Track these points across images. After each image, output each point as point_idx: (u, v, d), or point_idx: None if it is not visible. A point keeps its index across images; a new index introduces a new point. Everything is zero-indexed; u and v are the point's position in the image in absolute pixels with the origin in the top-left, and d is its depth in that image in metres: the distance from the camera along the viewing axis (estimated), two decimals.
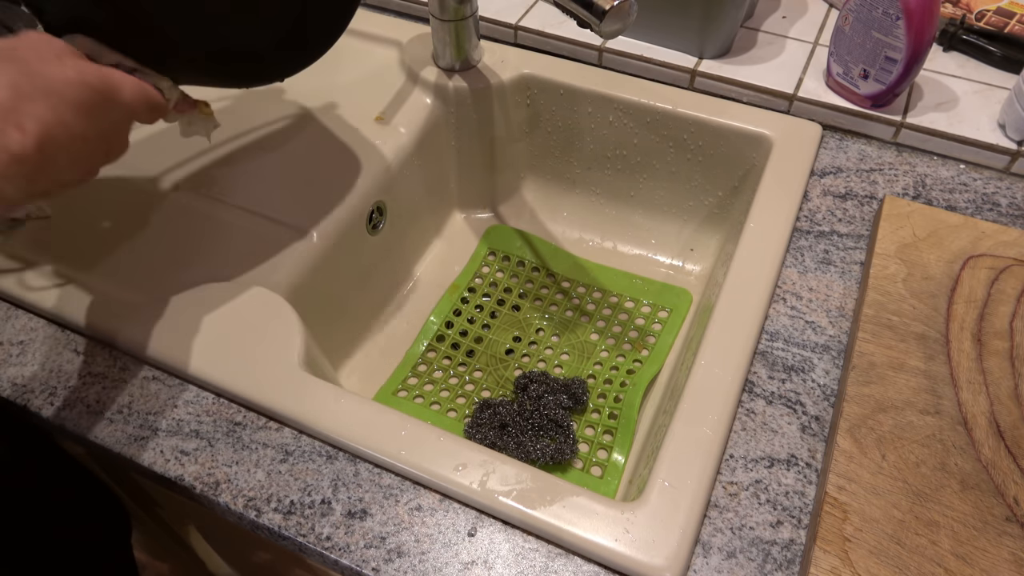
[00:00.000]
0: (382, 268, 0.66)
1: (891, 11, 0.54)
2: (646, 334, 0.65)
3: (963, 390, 0.44)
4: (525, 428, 0.58)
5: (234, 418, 0.46)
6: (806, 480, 0.42)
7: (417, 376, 0.64)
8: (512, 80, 0.67)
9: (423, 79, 0.66)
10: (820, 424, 0.44)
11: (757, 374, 0.47)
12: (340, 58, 0.69)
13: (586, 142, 0.69)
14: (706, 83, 0.65)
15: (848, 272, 0.52)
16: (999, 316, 0.47)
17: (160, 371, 0.49)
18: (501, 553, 0.40)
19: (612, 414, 0.60)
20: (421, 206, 0.69)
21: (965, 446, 0.41)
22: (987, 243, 0.51)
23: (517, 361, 0.65)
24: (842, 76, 0.60)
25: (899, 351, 0.45)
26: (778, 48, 0.66)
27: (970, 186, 0.57)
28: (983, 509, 0.39)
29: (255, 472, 0.44)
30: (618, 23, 0.46)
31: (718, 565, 0.39)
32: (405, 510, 0.42)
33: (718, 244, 0.68)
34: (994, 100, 0.60)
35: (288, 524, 0.42)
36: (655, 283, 0.69)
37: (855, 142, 0.61)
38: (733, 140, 0.62)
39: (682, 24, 0.64)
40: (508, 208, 0.76)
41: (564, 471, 0.57)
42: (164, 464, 0.44)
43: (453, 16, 0.61)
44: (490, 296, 0.70)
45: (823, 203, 0.56)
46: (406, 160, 0.64)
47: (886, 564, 0.37)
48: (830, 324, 0.49)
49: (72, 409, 0.47)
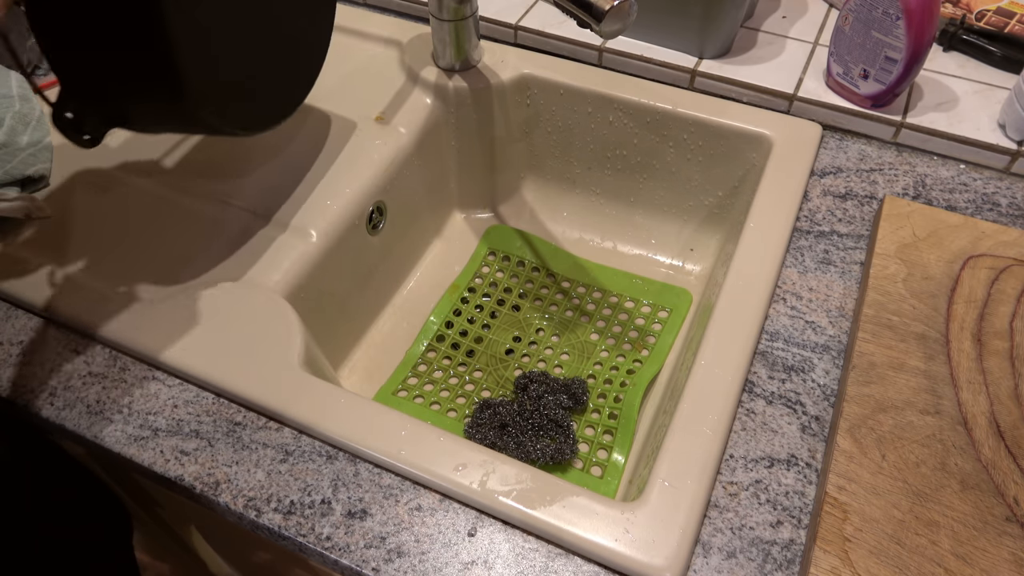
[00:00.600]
0: (382, 268, 0.66)
1: (891, 11, 0.54)
2: (646, 334, 0.65)
3: (963, 390, 0.44)
4: (525, 428, 0.58)
5: (234, 418, 0.46)
6: (806, 480, 0.42)
7: (417, 376, 0.64)
8: (512, 80, 0.67)
9: (423, 79, 0.66)
10: (820, 424, 0.44)
11: (757, 374, 0.47)
12: (340, 58, 0.69)
13: (586, 142, 0.69)
14: (706, 83, 0.65)
15: (848, 272, 0.52)
16: (999, 316, 0.47)
17: (160, 371, 0.49)
18: (501, 553, 0.40)
19: (612, 414, 0.60)
20: (421, 206, 0.69)
21: (965, 446, 0.41)
22: (987, 243, 0.51)
23: (517, 361, 0.65)
24: (842, 76, 0.60)
25: (899, 351, 0.45)
26: (778, 48, 0.66)
27: (970, 186, 0.57)
28: (983, 509, 0.39)
29: (255, 472, 0.44)
30: (618, 23, 0.46)
31: (718, 565, 0.39)
32: (405, 510, 0.42)
33: (718, 244, 0.68)
34: (994, 100, 0.60)
35: (288, 524, 0.42)
36: (655, 283, 0.69)
37: (855, 142, 0.61)
38: (733, 140, 0.62)
39: (682, 24, 0.64)
40: (508, 208, 0.76)
41: (564, 471, 0.57)
42: (164, 464, 0.44)
43: (453, 16, 0.61)
44: (490, 296, 0.70)
45: (823, 203, 0.56)
46: (406, 160, 0.64)
47: (886, 564, 0.37)
48: (830, 324, 0.49)
49: (72, 409, 0.47)
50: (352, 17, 0.73)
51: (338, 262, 0.58)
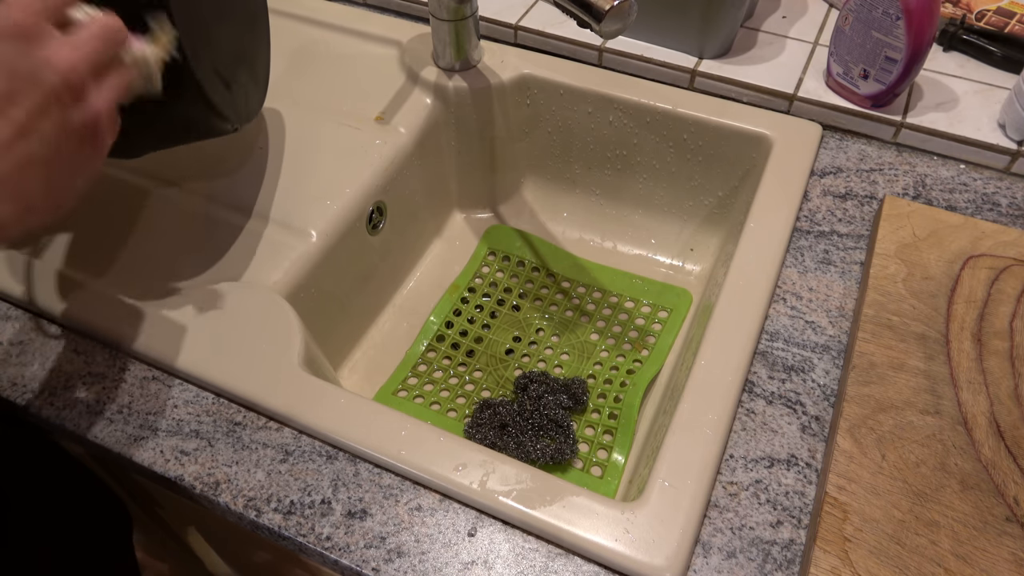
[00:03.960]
0: (382, 268, 0.66)
1: (891, 11, 0.54)
2: (646, 334, 0.65)
3: (963, 390, 0.44)
4: (525, 428, 0.58)
5: (234, 418, 0.46)
6: (806, 480, 0.42)
7: (417, 376, 0.64)
8: (512, 80, 0.67)
9: (423, 79, 0.66)
10: (820, 424, 0.44)
11: (757, 374, 0.47)
12: (340, 58, 0.69)
13: (586, 142, 0.69)
14: (706, 83, 0.65)
15: (848, 272, 0.52)
16: (999, 316, 0.47)
17: (160, 371, 0.49)
18: (501, 553, 0.40)
19: (612, 414, 0.60)
20: (421, 206, 0.69)
21: (965, 446, 0.41)
22: (987, 243, 0.51)
23: (517, 361, 0.65)
24: (842, 76, 0.60)
25: (899, 351, 0.45)
26: (778, 48, 0.66)
27: (970, 186, 0.57)
28: (983, 509, 0.39)
29: (255, 472, 0.44)
30: (618, 23, 0.46)
31: (718, 565, 0.39)
32: (405, 510, 0.42)
33: (718, 244, 0.68)
34: (994, 100, 0.60)
35: (288, 524, 0.42)
36: (655, 283, 0.69)
37: (855, 142, 0.61)
38: (733, 140, 0.62)
39: (682, 24, 0.64)
40: (508, 208, 0.76)
41: (564, 471, 0.57)
42: (164, 464, 0.44)
43: (453, 16, 0.61)
44: (490, 296, 0.70)
45: (823, 203, 0.56)
46: (406, 160, 0.64)
47: (886, 564, 0.37)
48: (830, 324, 0.49)
49: (72, 409, 0.47)
50: (352, 17, 0.73)
51: (338, 262, 0.58)
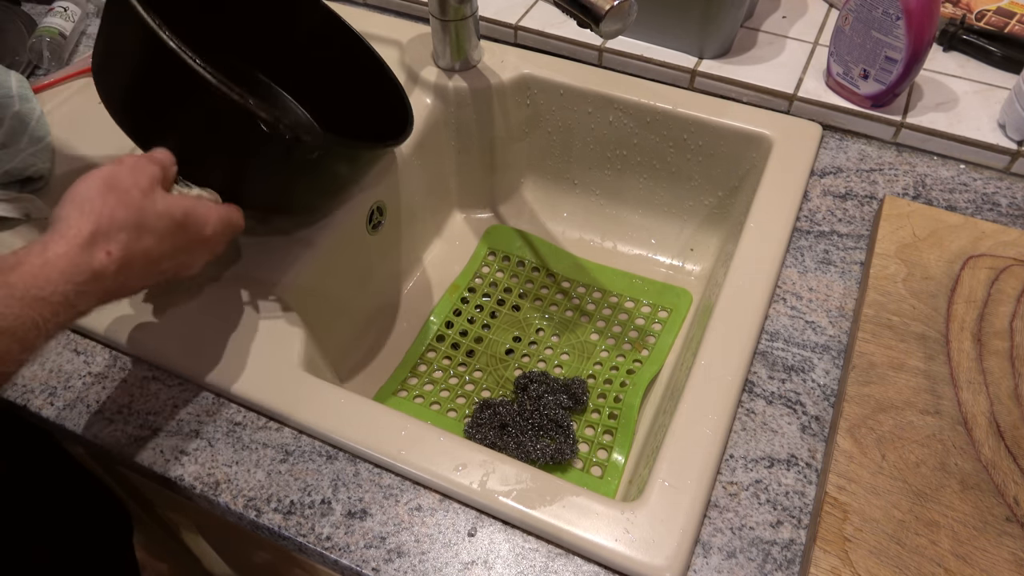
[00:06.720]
0: (382, 268, 0.66)
1: (891, 11, 0.54)
2: (646, 334, 0.65)
3: (963, 390, 0.44)
4: (525, 428, 0.58)
5: (234, 418, 0.46)
6: (806, 480, 0.42)
7: (417, 376, 0.64)
8: (512, 80, 0.67)
9: (423, 79, 0.66)
10: (820, 424, 0.44)
11: (757, 374, 0.47)
12: None
13: (586, 142, 0.69)
14: (706, 83, 0.65)
15: (848, 272, 0.52)
16: (999, 316, 0.47)
17: (160, 371, 0.49)
18: (501, 553, 0.40)
19: (612, 414, 0.60)
20: (421, 206, 0.69)
21: (965, 446, 0.41)
22: (987, 243, 0.51)
23: (517, 361, 0.65)
24: (842, 76, 0.60)
25: (899, 351, 0.45)
26: (778, 48, 0.66)
27: (970, 186, 0.57)
28: (983, 509, 0.39)
29: (255, 472, 0.44)
30: (618, 23, 0.46)
31: (718, 565, 0.39)
32: (405, 510, 0.42)
33: (718, 244, 0.68)
34: (994, 100, 0.60)
35: (288, 524, 0.42)
36: (655, 283, 0.69)
37: (855, 142, 0.61)
38: (733, 140, 0.62)
39: (682, 24, 0.64)
40: (508, 208, 0.76)
41: (564, 471, 0.57)
42: (164, 464, 0.44)
43: (453, 16, 0.61)
44: (490, 296, 0.70)
45: (823, 203, 0.56)
46: (406, 160, 0.64)
47: (886, 564, 0.37)
48: (830, 324, 0.49)
49: (72, 409, 0.47)
50: (352, 17, 0.73)
51: (338, 262, 0.58)
